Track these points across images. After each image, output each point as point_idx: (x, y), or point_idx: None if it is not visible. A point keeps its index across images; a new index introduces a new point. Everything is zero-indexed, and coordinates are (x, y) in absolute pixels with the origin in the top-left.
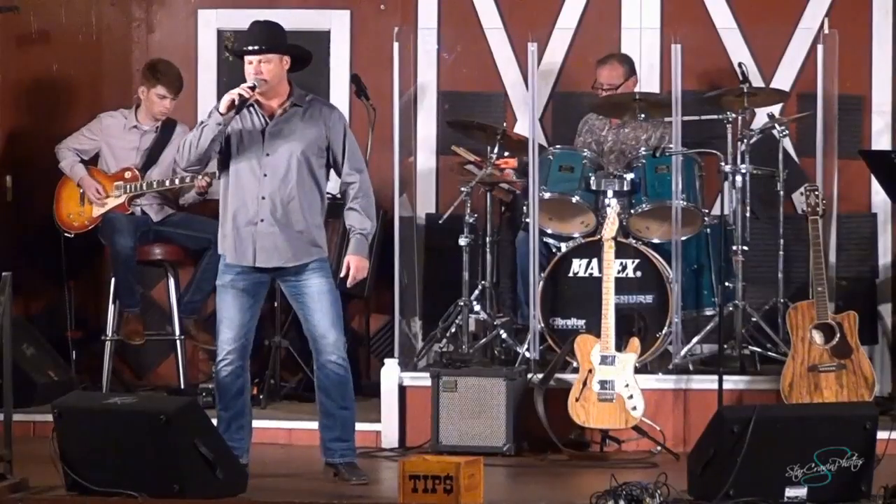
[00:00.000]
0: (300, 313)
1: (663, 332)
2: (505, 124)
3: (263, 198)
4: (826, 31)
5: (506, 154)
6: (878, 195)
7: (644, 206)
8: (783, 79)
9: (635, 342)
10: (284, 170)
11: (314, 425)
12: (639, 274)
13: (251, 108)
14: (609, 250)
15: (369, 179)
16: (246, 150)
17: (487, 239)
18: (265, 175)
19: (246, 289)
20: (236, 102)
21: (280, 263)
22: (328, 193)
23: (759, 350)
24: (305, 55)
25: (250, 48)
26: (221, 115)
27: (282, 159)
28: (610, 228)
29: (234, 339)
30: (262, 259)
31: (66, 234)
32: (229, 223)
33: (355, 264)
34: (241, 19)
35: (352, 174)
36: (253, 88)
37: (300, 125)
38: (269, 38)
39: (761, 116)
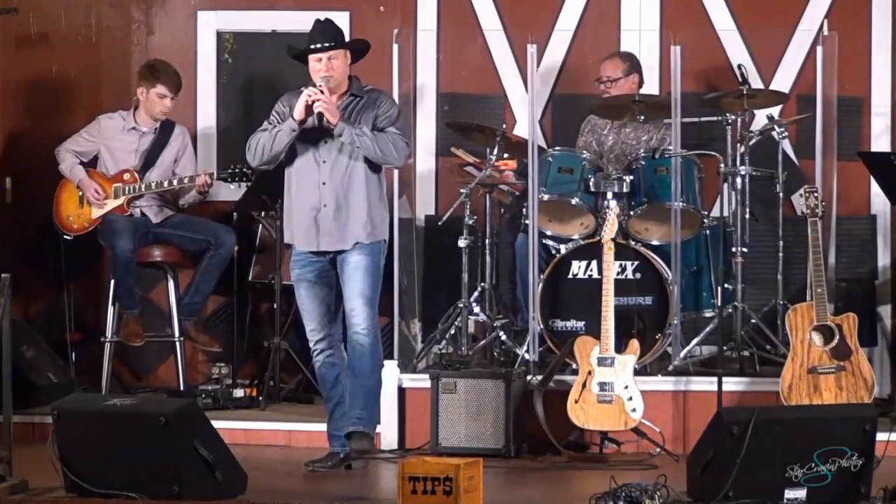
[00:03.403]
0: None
1: (663, 333)
2: (504, 126)
3: (324, 184)
4: (825, 32)
5: (505, 156)
6: (878, 197)
7: (643, 207)
8: (782, 80)
9: (635, 344)
10: (342, 157)
11: (313, 427)
12: (638, 275)
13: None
14: (608, 252)
15: (402, 148)
16: (308, 140)
17: (487, 240)
18: (324, 162)
19: (316, 279)
20: (310, 102)
21: (340, 247)
22: None
23: (758, 352)
24: (365, 46)
25: (320, 46)
26: (296, 120)
27: (339, 147)
28: (609, 230)
29: (317, 330)
30: (326, 243)
31: (65, 236)
32: (295, 211)
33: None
34: (240, 21)
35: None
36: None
37: (357, 115)
38: (334, 34)
39: (760, 118)
